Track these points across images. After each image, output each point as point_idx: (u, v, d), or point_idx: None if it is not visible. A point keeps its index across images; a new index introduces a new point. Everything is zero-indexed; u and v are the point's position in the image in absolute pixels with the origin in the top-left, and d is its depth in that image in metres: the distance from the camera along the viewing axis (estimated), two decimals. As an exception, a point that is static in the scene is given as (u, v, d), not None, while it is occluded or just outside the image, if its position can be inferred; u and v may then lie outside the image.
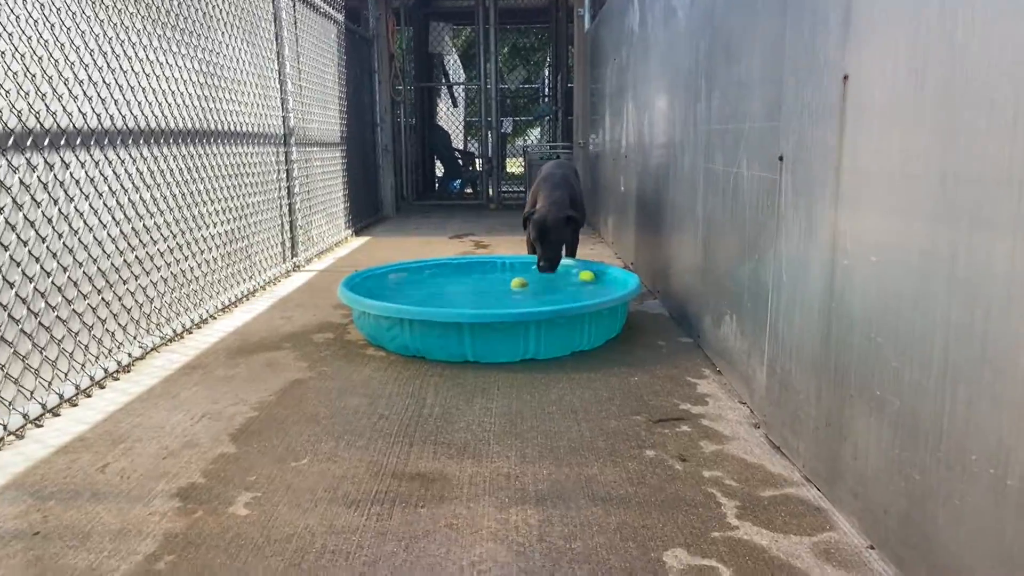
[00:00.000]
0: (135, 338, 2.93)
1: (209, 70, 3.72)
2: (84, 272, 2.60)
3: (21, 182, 2.25)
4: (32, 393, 2.28)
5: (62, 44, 2.50)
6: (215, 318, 3.59)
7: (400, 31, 9.47)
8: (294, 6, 5.22)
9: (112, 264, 2.79)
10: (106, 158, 2.77)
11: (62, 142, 2.52)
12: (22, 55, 2.27)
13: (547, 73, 14.03)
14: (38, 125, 2.36)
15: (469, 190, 12.21)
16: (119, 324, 2.83)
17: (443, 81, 11.02)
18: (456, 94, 12.02)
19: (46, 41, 2.41)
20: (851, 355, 1.62)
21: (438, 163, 12.71)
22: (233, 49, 4.02)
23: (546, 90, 14.60)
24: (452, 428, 2.26)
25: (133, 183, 2.96)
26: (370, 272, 3.70)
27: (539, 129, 20.41)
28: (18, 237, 2.23)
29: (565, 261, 3.91)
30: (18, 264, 2.22)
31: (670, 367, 2.85)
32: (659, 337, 3.30)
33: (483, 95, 9.44)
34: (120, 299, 2.84)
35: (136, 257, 2.97)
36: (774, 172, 2.10)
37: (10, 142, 2.20)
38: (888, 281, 1.46)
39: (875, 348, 1.51)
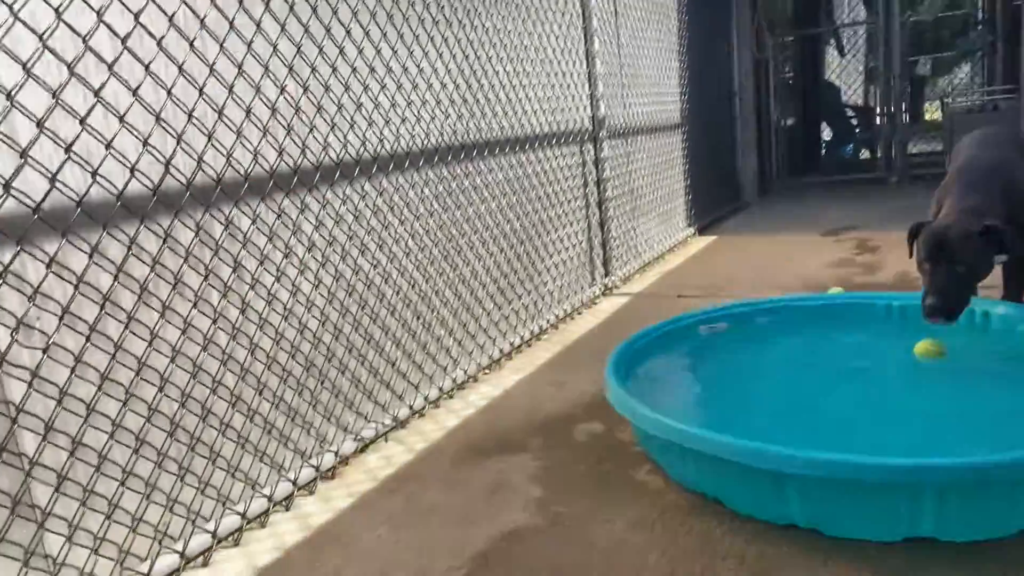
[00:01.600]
0: (349, 428, 2.32)
1: (473, 66, 2.97)
2: (280, 347, 2.04)
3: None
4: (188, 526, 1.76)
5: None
6: (476, 380, 2.86)
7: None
8: (610, -35, 4.24)
9: (336, 327, 2.20)
10: (338, 195, 2.16)
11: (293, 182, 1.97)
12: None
13: (981, -9, 10.64)
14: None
15: (866, 154, 9.89)
16: (327, 411, 2.24)
17: (830, 24, 8.90)
18: (844, 40, 9.72)
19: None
20: None
21: (825, 126, 10.59)
22: (503, 32, 3.21)
23: (979, 14, 11.16)
24: None
25: (368, 223, 2.32)
26: (670, 325, 2.57)
27: (969, 66, 16.08)
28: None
29: (998, 309, 2.26)
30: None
31: None
32: None
33: (881, 33, 7.28)
34: (343, 371, 2.25)
35: (373, 311, 2.35)
36: None
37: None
38: None
39: None
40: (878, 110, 8.14)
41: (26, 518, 1.46)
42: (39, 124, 1.47)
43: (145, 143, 1.69)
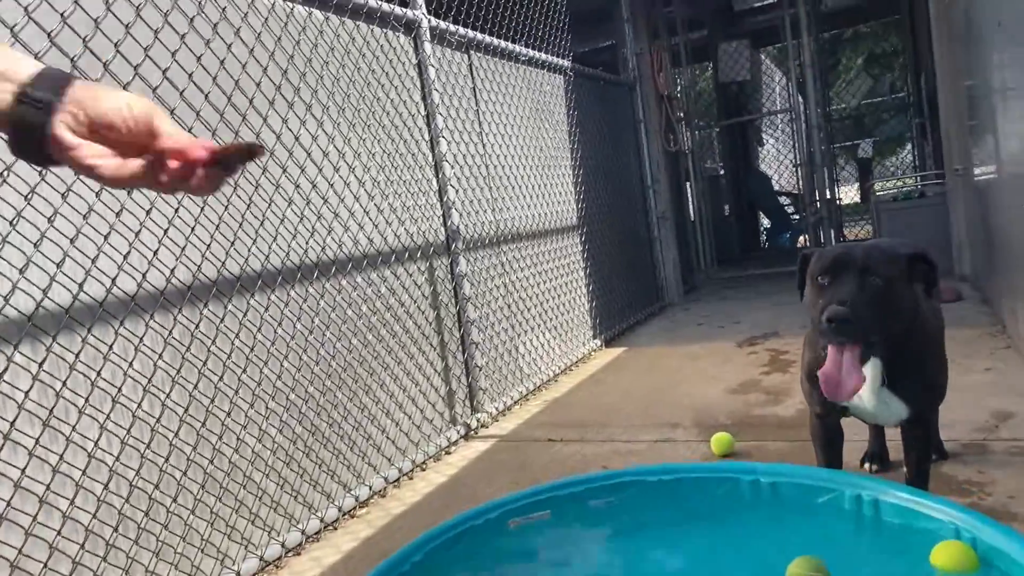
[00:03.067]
0: None
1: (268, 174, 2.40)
2: None
3: None
4: None
5: None
6: (233, 594, 2.13)
7: (684, 69, 7.55)
8: (469, 58, 3.79)
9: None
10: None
11: None
12: None
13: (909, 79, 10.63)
14: None
15: (802, 243, 9.55)
16: None
17: (749, 115, 8.65)
18: (777, 128, 9.53)
19: None
20: None
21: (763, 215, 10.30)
22: (315, 136, 2.66)
23: (909, 98, 11.13)
24: None
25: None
26: (461, 524, 1.88)
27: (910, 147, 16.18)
28: None
29: (890, 495, 1.63)
30: None
31: None
32: None
33: (795, 124, 7.00)
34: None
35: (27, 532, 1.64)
36: None
37: None
38: None
39: None
40: (811, 198, 7.81)
41: None
42: None
43: None
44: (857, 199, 14.60)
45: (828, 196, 7.21)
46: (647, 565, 1.77)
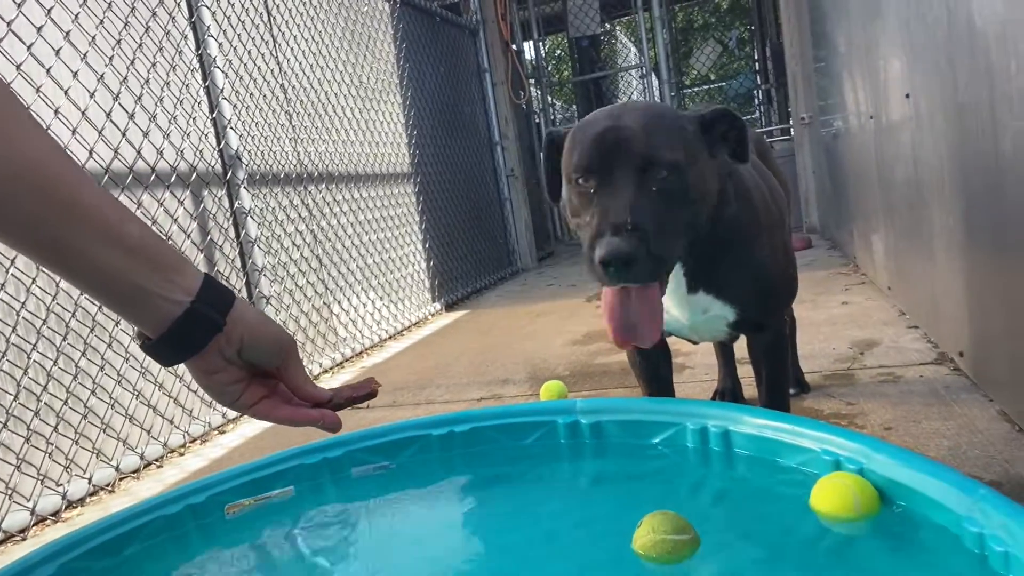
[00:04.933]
0: None
1: None
2: None
3: None
4: None
5: None
6: None
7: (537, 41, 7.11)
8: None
9: None
10: None
11: None
12: None
13: (755, 48, 10.78)
14: None
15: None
16: None
17: (596, 73, 8.15)
18: (607, 89, 9.05)
19: None
20: None
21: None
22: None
23: (755, 64, 11.30)
24: None
25: None
26: (144, 513, 1.25)
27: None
28: None
29: (744, 423, 1.16)
30: None
31: None
32: None
33: (647, 80, 6.76)
34: None
35: None
36: None
37: None
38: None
39: None
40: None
41: None
42: None
43: None
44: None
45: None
46: (430, 557, 1.19)
